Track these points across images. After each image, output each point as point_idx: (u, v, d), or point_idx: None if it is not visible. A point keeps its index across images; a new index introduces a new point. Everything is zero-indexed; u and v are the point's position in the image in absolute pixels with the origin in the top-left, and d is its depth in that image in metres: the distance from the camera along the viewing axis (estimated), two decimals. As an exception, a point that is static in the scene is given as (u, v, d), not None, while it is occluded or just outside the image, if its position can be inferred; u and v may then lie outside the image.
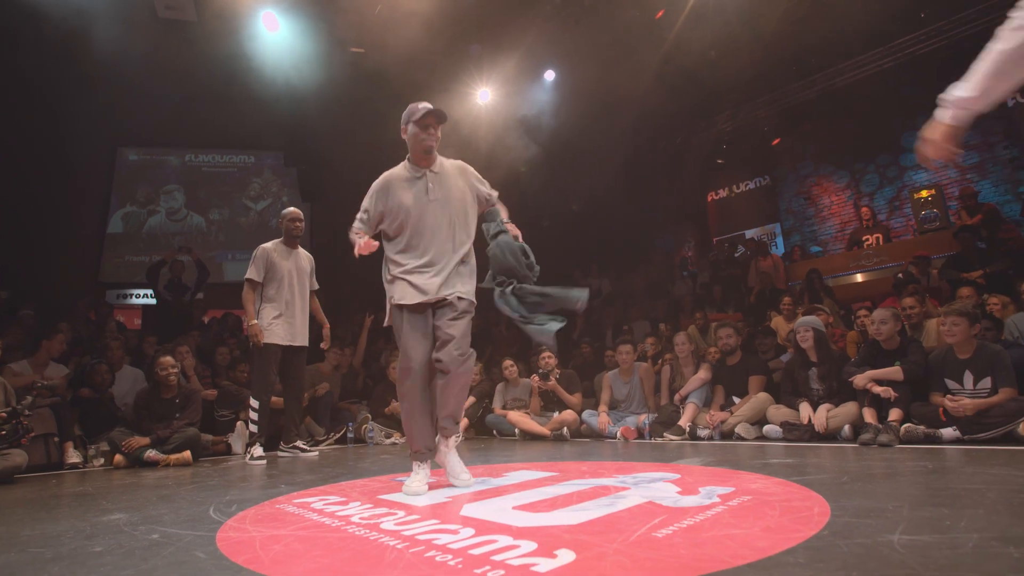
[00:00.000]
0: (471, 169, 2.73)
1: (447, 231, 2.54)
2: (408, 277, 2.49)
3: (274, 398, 4.56)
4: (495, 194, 2.78)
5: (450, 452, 2.57)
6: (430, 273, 2.48)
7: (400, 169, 2.61)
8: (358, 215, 2.59)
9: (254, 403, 4.25)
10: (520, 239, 2.66)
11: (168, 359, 4.41)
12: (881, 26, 8.24)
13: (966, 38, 7.88)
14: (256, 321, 4.22)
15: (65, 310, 6.87)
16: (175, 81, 8.59)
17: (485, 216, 2.75)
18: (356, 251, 2.41)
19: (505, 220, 2.73)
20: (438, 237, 2.52)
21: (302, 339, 4.42)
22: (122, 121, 9.86)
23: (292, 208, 4.61)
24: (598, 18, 8.33)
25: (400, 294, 2.49)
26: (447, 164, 2.66)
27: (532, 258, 2.65)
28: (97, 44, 7.19)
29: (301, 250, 4.59)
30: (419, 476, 2.42)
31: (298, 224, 4.52)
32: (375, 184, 2.60)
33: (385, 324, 2.61)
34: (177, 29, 7.67)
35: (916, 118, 8.94)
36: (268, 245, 4.43)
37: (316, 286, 4.66)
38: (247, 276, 4.33)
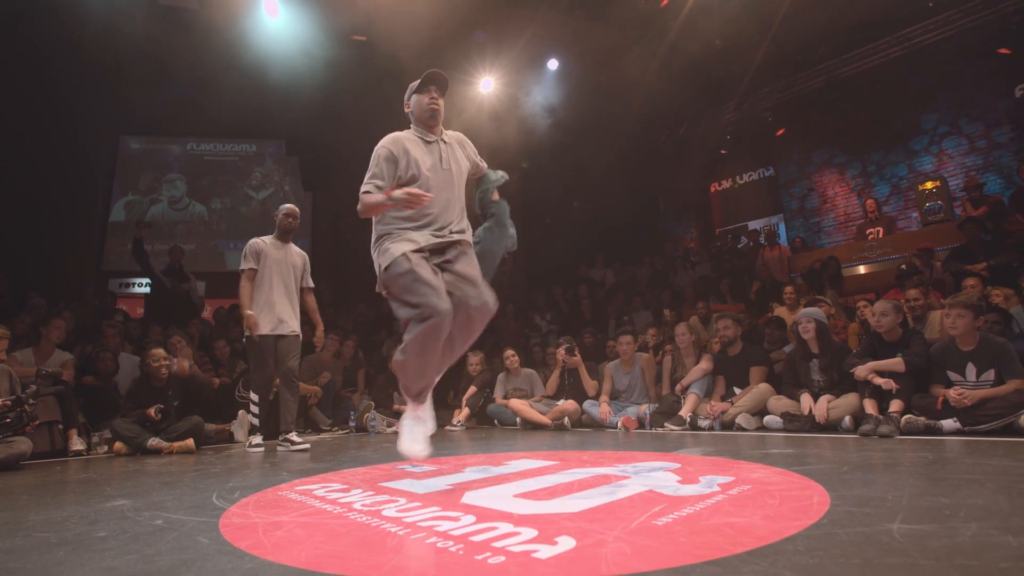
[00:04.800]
0: (469, 142, 2.64)
1: (455, 209, 2.44)
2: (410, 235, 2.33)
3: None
4: (484, 164, 2.71)
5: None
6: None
7: (409, 132, 2.47)
8: (369, 182, 2.33)
9: (253, 396, 4.28)
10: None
11: (159, 351, 4.41)
12: (888, 15, 8.16)
13: (974, 28, 7.80)
14: (250, 312, 4.22)
15: (69, 298, 6.89)
16: (176, 69, 8.55)
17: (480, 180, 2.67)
18: (402, 196, 2.15)
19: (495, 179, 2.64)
20: (446, 212, 2.40)
21: (289, 328, 4.38)
22: (124, 109, 9.85)
23: (288, 204, 4.64)
24: (602, 6, 8.26)
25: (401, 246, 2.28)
26: (451, 135, 2.57)
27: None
28: (99, 32, 7.17)
29: (294, 246, 4.60)
30: (421, 428, 2.39)
31: (291, 220, 4.53)
32: (385, 145, 2.37)
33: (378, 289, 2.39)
34: (178, 16, 7.63)
35: (924, 109, 8.96)
36: (259, 239, 4.46)
37: (310, 284, 4.63)
38: (241, 268, 4.35)
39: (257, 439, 4.16)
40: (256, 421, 4.25)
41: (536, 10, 8.09)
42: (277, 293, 4.35)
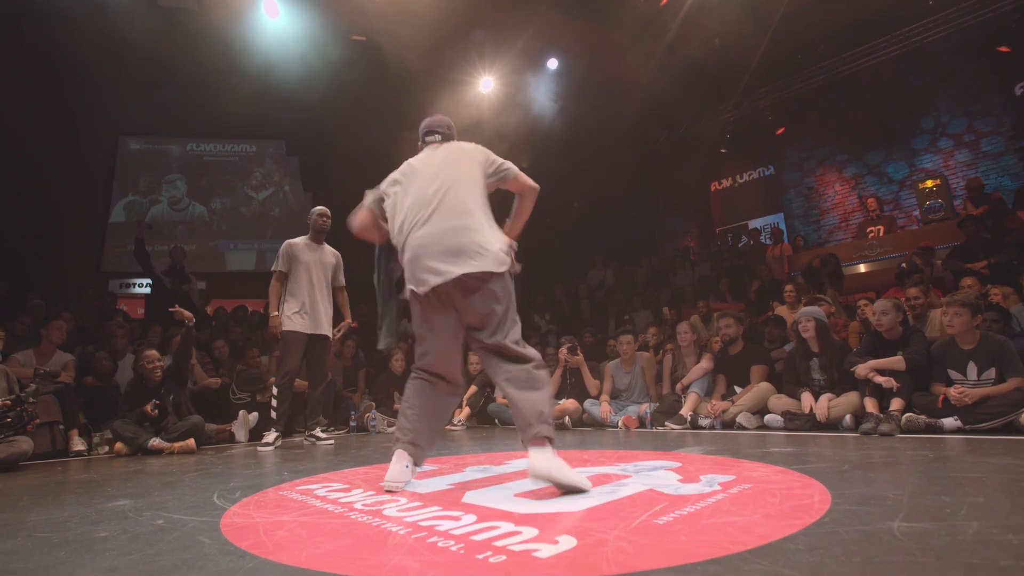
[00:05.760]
0: None
1: None
2: None
3: (299, 381, 4.74)
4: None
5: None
6: None
7: None
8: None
9: (275, 389, 4.39)
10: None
11: (152, 352, 4.41)
12: (888, 14, 8.16)
13: (973, 26, 7.80)
14: (276, 313, 4.37)
15: (69, 299, 6.89)
16: (176, 70, 8.56)
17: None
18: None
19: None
20: None
21: (322, 329, 4.49)
22: (124, 110, 9.85)
23: (320, 206, 4.75)
24: (601, 5, 8.26)
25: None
26: None
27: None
28: (98, 33, 7.17)
29: (327, 246, 4.70)
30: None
31: (324, 219, 4.65)
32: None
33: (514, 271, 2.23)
34: (178, 17, 7.64)
35: (924, 107, 8.96)
36: (294, 240, 4.58)
37: (342, 282, 4.75)
38: (272, 268, 4.49)
39: (270, 436, 4.19)
40: (275, 414, 4.33)
41: (535, 10, 8.09)
42: (311, 294, 4.45)
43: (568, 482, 1.94)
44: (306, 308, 4.40)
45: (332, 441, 4.51)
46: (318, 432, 4.49)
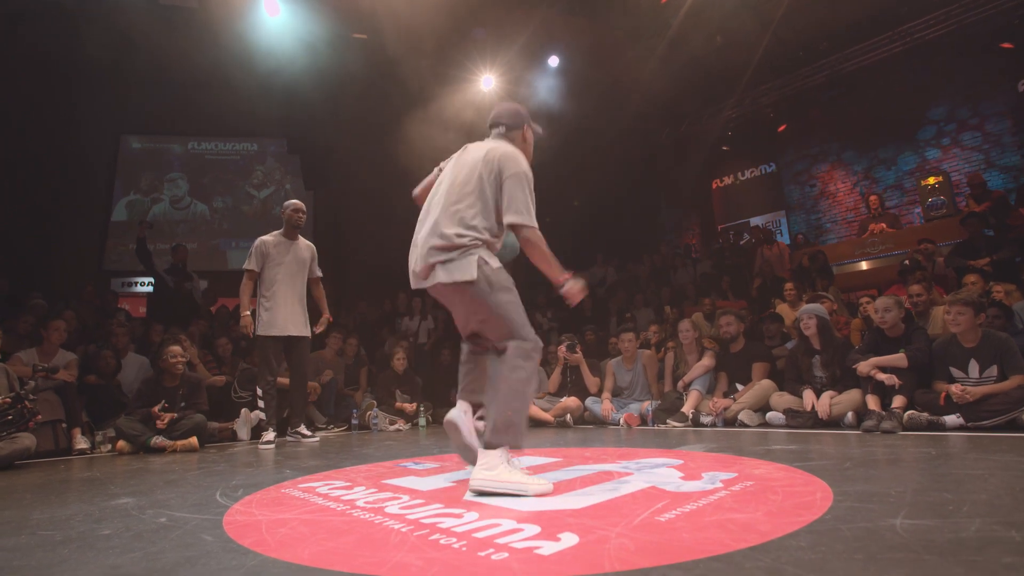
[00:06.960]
0: None
1: None
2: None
3: (283, 379, 4.68)
4: None
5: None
6: None
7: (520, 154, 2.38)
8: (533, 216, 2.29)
9: (259, 391, 4.36)
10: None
11: (176, 348, 4.43)
12: (890, 10, 8.14)
13: (976, 22, 7.77)
14: (247, 313, 4.28)
15: (71, 298, 6.90)
16: (177, 68, 8.56)
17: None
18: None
19: None
20: None
21: (298, 329, 4.39)
22: (125, 109, 9.86)
23: (294, 200, 4.63)
24: (602, 2, 8.24)
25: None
26: None
27: None
28: (99, 32, 7.17)
29: (302, 240, 4.58)
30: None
31: (299, 215, 4.51)
32: (529, 171, 2.32)
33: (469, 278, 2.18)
34: (179, 16, 7.64)
35: (926, 104, 8.92)
36: (266, 237, 4.45)
37: (318, 273, 4.64)
38: (244, 267, 4.39)
39: (269, 435, 4.21)
40: (264, 415, 4.31)
41: (536, 7, 8.08)
42: (283, 295, 4.35)
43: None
44: (279, 309, 4.29)
45: (317, 439, 4.48)
46: (302, 429, 4.45)
